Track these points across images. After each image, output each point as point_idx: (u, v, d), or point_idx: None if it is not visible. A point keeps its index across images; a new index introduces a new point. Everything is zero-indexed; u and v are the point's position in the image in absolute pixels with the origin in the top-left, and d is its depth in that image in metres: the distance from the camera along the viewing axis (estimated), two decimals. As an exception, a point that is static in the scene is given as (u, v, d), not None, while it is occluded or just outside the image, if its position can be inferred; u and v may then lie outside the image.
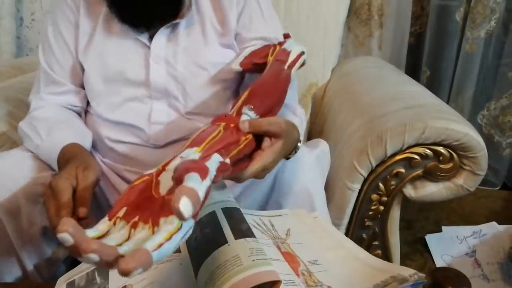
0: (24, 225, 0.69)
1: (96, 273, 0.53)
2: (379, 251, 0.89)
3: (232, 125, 0.53)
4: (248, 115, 0.56)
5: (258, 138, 0.54)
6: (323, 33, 1.29)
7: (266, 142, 0.54)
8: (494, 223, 1.20)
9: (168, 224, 0.34)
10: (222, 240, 0.44)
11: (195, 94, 0.78)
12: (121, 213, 0.38)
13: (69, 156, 0.68)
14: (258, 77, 0.67)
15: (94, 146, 0.82)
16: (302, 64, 0.73)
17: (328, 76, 1.28)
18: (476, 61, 1.37)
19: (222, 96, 0.81)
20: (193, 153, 0.44)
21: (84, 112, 0.84)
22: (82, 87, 0.81)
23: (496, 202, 1.39)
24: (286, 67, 0.69)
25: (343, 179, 0.84)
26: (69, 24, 0.79)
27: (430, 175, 0.82)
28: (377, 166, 0.82)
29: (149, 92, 0.77)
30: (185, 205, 0.31)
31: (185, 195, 0.32)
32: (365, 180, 0.83)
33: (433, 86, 1.44)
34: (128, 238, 0.36)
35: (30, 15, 1.46)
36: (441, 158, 0.80)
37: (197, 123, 0.79)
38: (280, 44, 0.75)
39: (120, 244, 0.34)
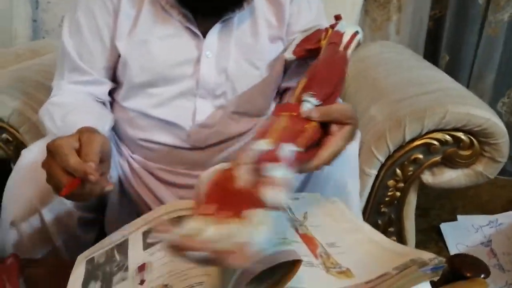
0: (62, 215, 0.69)
1: (115, 251, 0.54)
2: (394, 238, 0.89)
3: (294, 113, 0.51)
4: (310, 102, 0.53)
5: (323, 124, 0.52)
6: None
7: (334, 127, 0.51)
8: (511, 212, 1.18)
9: (258, 216, 0.34)
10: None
11: (244, 92, 0.75)
12: (207, 210, 0.37)
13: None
14: (311, 64, 0.65)
15: (122, 140, 0.79)
16: (358, 44, 0.71)
17: (345, 61, 1.26)
18: (498, 46, 1.33)
19: (269, 93, 0.79)
20: (266, 144, 0.42)
21: (110, 104, 0.79)
22: (109, 78, 0.76)
23: (513, 191, 1.37)
24: (341, 48, 0.66)
25: (360, 164, 0.83)
26: (106, 7, 0.72)
27: (449, 162, 0.80)
28: (395, 151, 0.81)
29: (196, 89, 0.73)
30: (273, 195, 0.31)
31: (271, 185, 0.31)
32: (382, 165, 0.83)
33: (452, 72, 1.40)
34: (221, 234, 0.35)
35: (46, -2, 1.46)
36: (461, 144, 0.79)
37: (242, 125, 0.77)
38: (332, 26, 0.72)
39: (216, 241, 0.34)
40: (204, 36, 0.72)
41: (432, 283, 0.49)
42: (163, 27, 0.71)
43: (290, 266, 0.39)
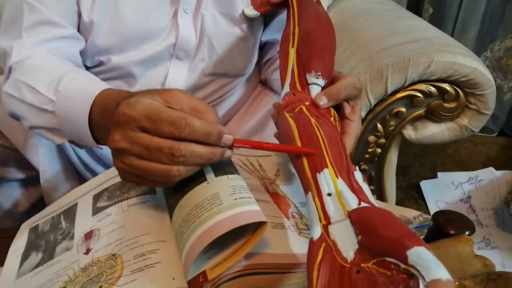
0: None
1: (62, 217, 0.48)
2: (374, 196, 0.85)
3: (307, 103, 0.45)
4: (318, 84, 0.48)
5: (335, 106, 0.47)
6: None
7: (347, 108, 0.48)
8: (491, 168, 1.16)
9: None
10: (200, 178, 0.37)
11: (224, 52, 0.68)
12: None
13: (113, 99, 0.42)
14: (287, 23, 0.58)
15: None
16: None
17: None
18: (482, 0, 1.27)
19: (250, 51, 0.71)
20: (338, 183, 0.34)
21: None
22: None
23: (493, 148, 1.35)
24: (315, 1, 0.60)
25: (338, 119, 0.78)
26: None
27: (433, 115, 0.76)
28: (376, 105, 0.76)
29: (172, 49, 0.64)
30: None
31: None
32: (363, 120, 0.77)
33: (435, 25, 1.33)
34: None
35: None
36: (445, 96, 0.73)
37: (218, 84, 0.69)
38: None
39: None
40: None
41: None
42: None
43: (254, 229, 0.34)
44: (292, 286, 0.35)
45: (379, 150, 0.79)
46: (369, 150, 0.79)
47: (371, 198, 0.34)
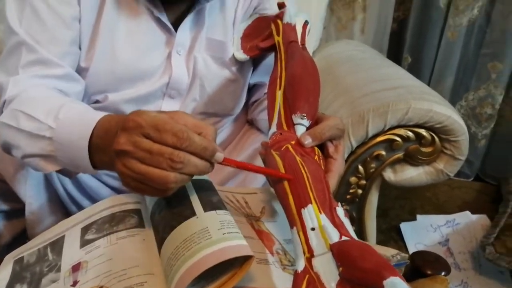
0: None
1: (48, 249, 0.48)
2: (355, 236, 0.87)
3: (293, 142, 0.49)
4: (303, 124, 0.51)
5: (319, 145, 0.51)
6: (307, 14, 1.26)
7: (331, 147, 0.51)
8: (467, 212, 1.20)
9: None
10: (189, 213, 0.39)
11: (214, 93, 0.70)
12: None
13: (116, 121, 0.44)
14: (275, 67, 0.62)
15: None
16: (308, 33, 0.68)
17: (309, 58, 1.24)
18: (457, 50, 1.36)
19: (239, 93, 0.74)
20: (321, 218, 0.37)
21: None
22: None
23: (469, 192, 1.40)
24: (300, 46, 0.63)
25: (321, 160, 0.81)
26: None
27: (411, 159, 0.79)
28: (357, 147, 0.79)
29: (165, 89, 0.66)
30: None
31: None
32: (345, 162, 0.80)
33: (414, 73, 1.39)
34: None
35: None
36: (422, 141, 0.77)
37: (207, 122, 0.72)
38: (279, 16, 0.67)
39: None
40: (175, 29, 0.65)
41: None
42: (130, 17, 0.62)
43: (241, 263, 0.35)
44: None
45: (360, 191, 0.82)
46: (351, 191, 0.82)
47: (352, 232, 0.36)
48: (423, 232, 1.16)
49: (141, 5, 0.62)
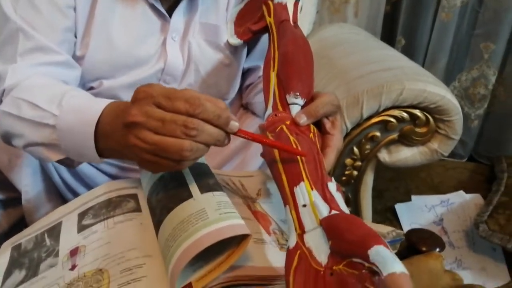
0: None
1: (46, 235, 0.48)
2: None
3: (288, 122, 0.48)
4: (297, 103, 0.51)
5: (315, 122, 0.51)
6: (298, -3, 1.25)
7: (327, 123, 0.51)
8: (461, 192, 1.21)
9: None
10: (186, 195, 0.39)
11: (209, 77, 0.70)
12: None
13: (125, 105, 0.43)
14: (268, 49, 0.61)
15: None
16: (300, 11, 0.67)
17: (303, 41, 1.23)
18: (450, 31, 1.36)
19: (234, 77, 0.74)
20: (313, 194, 0.37)
21: None
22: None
23: (463, 173, 1.41)
24: (292, 24, 0.63)
25: (317, 143, 0.81)
26: None
27: (405, 139, 0.80)
28: (352, 129, 0.80)
29: (160, 74, 0.67)
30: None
31: (405, 286, 0.26)
32: (340, 142, 0.80)
33: (407, 55, 1.40)
34: None
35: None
36: (417, 121, 0.78)
37: None
38: None
39: None
40: (169, 15, 0.65)
41: None
42: (124, 4, 0.62)
43: (238, 243, 0.36)
44: (274, 298, 0.37)
45: (355, 173, 0.83)
46: (346, 172, 0.82)
47: (343, 205, 0.36)
48: (418, 212, 1.17)
49: None
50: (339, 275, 0.29)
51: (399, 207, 1.20)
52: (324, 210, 0.35)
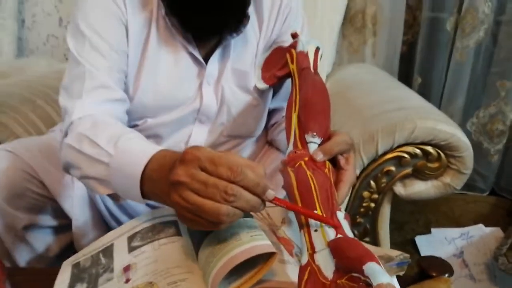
0: (9, 221, 0.71)
1: (100, 255, 0.56)
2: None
3: (306, 158, 0.55)
4: (315, 142, 0.57)
5: (331, 159, 0.57)
6: (319, 40, 1.34)
7: (342, 160, 0.56)
8: (481, 225, 1.24)
9: None
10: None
11: (239, 117, 0.78)
12: None
13: (171, 157, 0.48)
14: (291, 92, 0.68)
15: None
16: (320, 58, 0.74)
17: (323, 81, 1.32)
18: (466, 70, 1.42)
19: (261, 116, 0.82)
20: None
21: None
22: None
23: (484, 206, 1.43)
24: (313, 71, 0.70)
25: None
26: (115, 20, 0.68)
27: (419, 174, 0.85)
28: (369, 164, 0.86)
29: (196, 114, 0.75)
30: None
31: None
32: (357, 177, 0.87)
33: (424, 93, 1.48)
34: None
35: (32, 16, 1.49)
36: (429, 157, 0.84)
37: (231, 144, 0.80)
38: (293, 46, 0.75)
39: None
40: (205, 62, 0.73)
41: (403, 283, 0.53)
42: (169, 51, 0.71)
43: (266, 261, 0.43)
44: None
45: (372, 205, 0.88)
46: (364, 204, 0.88)
47: (348, 231, 0.43)
48: (438, 245, 1.20)
49: (178, 43, 0.72)
50: (342, 287, 0.36)
51: (419, 240, 1.23)
52: (331, 234, 0.42)
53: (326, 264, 0.40)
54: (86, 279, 0.52)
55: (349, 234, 0.43)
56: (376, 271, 0.33)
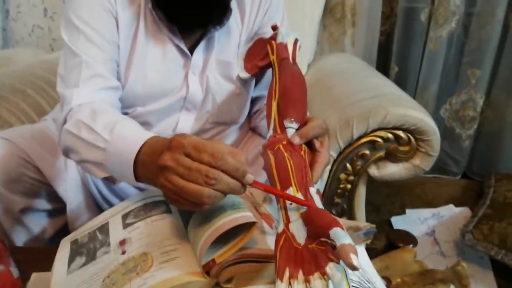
0: (7, 205, 0.75)
1: (97, 232, 0.61)
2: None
3: (284, 142, 0.60)
4: (292, 127, 0.62)
5: (307, 142, 0.62)
6: (300, 31, 1.39)
7: (317, 143, 0.61)
8: (451, 205, 1.32)
9: (336, 270, 0.39)
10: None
11: (224, 105, 0.82)
12: (287, 273, 0.41)
13: (162, 143, 0.51)
14: (271, 81, 0.73)
15: None
16: (298, 49, 0.79)
17: (304, 71, 1.37)
18: (439, 59, 1.49)
19: (244, 104, 0.87)
20: (298, 196, 0.50)
21: None
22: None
23: (455, 189, 1.52)
24: (291, 61, 0.74)
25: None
26: (106, 13, 0.71)
27: (391, 156, 0.92)
28: (345, 148, 0.92)
29: (182, 102, 0.80)
30: (356, 260, 0.37)
31: (351, 252, 0.37)
32: (335, 161, 0.93)
33: (401, 81, 1.55)
34: None
35: (16, 7, 1.50)
36: (400, 141, 0.90)
37: (216, 130, 0.84)
38: (273, 38, 0.79)
39: None
40: (191, 53, 0.78)
41: (374, 254, 0.60)
42: (156, 44, 0.75)
43: (249, 229, 0.48)
44: (271, 271, 0.49)
45: (349, 186, 0.95)
46: (341, 186, 0.95)
47: (319, 204, 0.50)
48: (412, 225, 1.28)
49: (165, 35, 0.76)
50: (312, 250, 0.42)
51: (395, 220, 1.31)
52: (304, 207, 0.48)
53: (299, 232, 0.46)
54: (84, 253, 0.57)
55: (320, 207, 0.49)
56: (339, 235, 0.39)
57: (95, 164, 0.61)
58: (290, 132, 0.62)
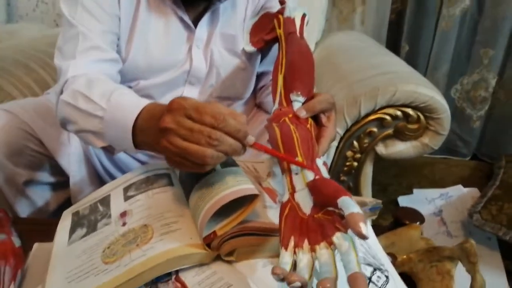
0: (10, 177, 0.75)
1: (98, 204, 0.61)
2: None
3: (290, 115, 0.58)
4: (299, 100, 0.61)
5: (313, 116, 0.60)
6: (308, 8, 1.35)
7: (323, 118, 0.59)
8: (460, 186, 1.31)
9: (343, 240, 0.38)
10: (210, 170, 0.51)
11: (228, 79, 0.82)
12: (292, 242, 0.40)
13: (160, 108, 0.49)
14: (278, 55, 0.71)
15: None
16: (306, 24, 0.77)
17: (312, 48, 1.34)
18: (451, 39, 1.45)
19: (249, 79, 0.86)
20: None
21: None
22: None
23: (464, 170, 1.50)
24: (299, 36, 0.72)
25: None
26: None
27: (400, 134, 0.90)
28: (352, 125, 0.90)
29: (186, 76, 0.78)
30: (365, 228, 0.36)
31: (360, 221, 0.35)
32: (341, 138, 0.91)
33: (411, 61, 1.52)
34: (314, 263, 0.38)
35: (21, -18, 1.48)
36: (409, 118, 0.88)
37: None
38: (281, 12, 0.77)
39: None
40: (195, 26, 0.77)
41: (381, 231, 0.59)
42: (159, 17, 0.74)
43: (251, 202, 0.47)
44: (273, 245, 0.48)
45: (355, 164, 0.93)
46: (347, 163, 0.93)
47: (325, 174, 0.48)
48: (419, 204, 1.27)
49: (168, 7, 0.74)
50: (318, 220, 0.41)
51: (401, 199, 1.29)
52: (310, 176, 0.46)
53: (305, 202, 0.44)
54: (85, 225, 0.57)
55: (326, 177, 0.47)
56: (348, 203, 0.38)
57: (93, 134, 0.60)
58: (296, 105, 0.61)
